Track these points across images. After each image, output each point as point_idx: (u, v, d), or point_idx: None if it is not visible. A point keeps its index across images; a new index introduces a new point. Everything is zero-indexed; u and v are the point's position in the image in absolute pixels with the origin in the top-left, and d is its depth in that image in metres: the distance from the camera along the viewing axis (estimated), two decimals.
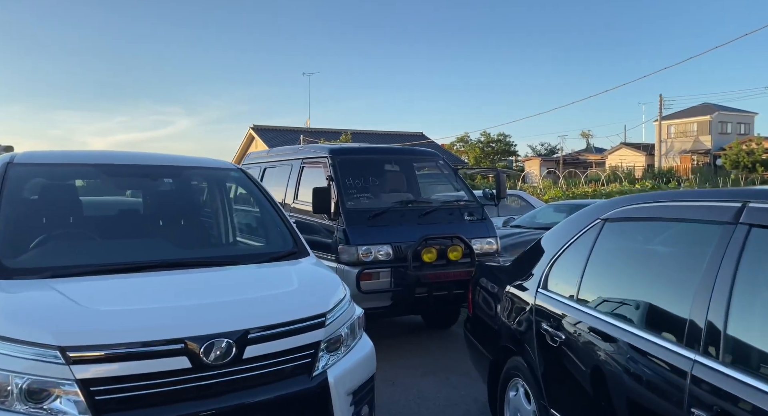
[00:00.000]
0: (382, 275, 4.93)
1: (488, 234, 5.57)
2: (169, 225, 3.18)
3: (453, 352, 5.18)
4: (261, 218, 3.49)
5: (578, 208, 8.79)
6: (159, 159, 3.46)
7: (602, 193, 16.36)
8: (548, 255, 2.83)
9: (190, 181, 3.47)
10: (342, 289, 2.80)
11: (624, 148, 47.63)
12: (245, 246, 3.28)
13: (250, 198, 3.59)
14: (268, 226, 3.42)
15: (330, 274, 2.95)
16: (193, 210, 3.34)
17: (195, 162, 3.54)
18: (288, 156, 6.45)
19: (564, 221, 3.00)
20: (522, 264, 3.24)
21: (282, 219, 3.36)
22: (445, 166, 6.15)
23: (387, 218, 5.16)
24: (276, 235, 3.35)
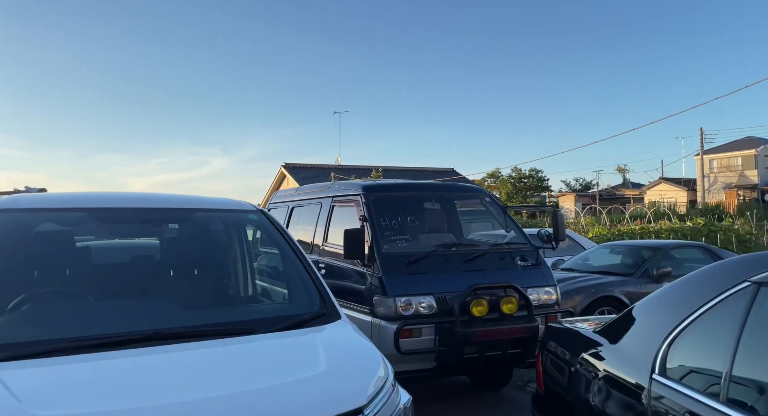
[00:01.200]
0: (425, 332, 4.22)
1: (546, 283, 4.81)
2: (173, 281, 2.59)
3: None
4: (283, 270, 2.87)
5: (636, 250, 7.95)
6: (166, 201, 2.91)
7: (651, 230, 15.28)
8: (662, 330, 2.09)
9: (200, 226, 2.90)
10: (383, 368, 2.13)
11: (663, 183, 45.96)
12: (263, 308, 2.65)
13: (271, 245, 2.98)
14: (292, 281, 2.80)
15: (367, 346, 2.29)
16: (202, 261, 2.75)
17: (207, 203, 2.98)
18: (317, 194, 5.89)
19: (678, 283, 2.28)
20: (615, 333, 2.50)
21: (308, 272, 2.73)
22: (491, 203, 5.47)
23: (429, 264, 4.48)
24: (300, 292, 2.72)
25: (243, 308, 2.53)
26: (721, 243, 13.92)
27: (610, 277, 6.94)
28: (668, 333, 2.03)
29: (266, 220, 2.99)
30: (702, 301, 1.95)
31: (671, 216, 19.16)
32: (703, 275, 2.13)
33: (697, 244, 8.06)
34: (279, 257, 2.92)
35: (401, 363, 4.19)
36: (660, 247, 7.39)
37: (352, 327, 2.48)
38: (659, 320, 2.15)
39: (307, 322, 2.43)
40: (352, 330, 2.45)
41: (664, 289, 2.33)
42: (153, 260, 2.71)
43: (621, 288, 6.71)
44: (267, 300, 2.71)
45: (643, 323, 2.27)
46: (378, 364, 2.11)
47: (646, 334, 2.19)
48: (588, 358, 2.61)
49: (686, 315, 1.99)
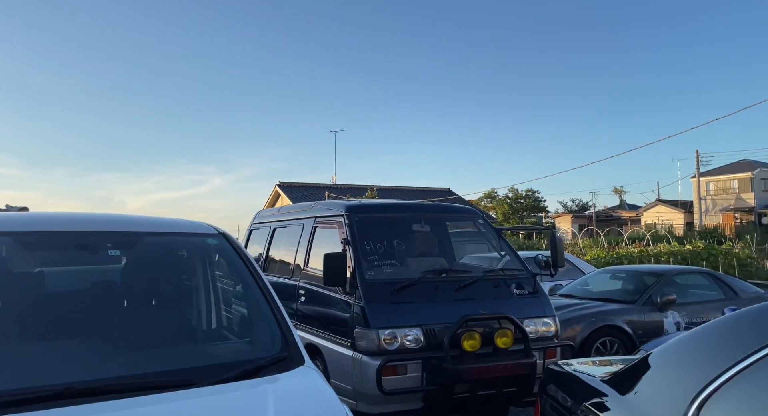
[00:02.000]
0: (411, 368, 3.80)
1: (544, 313, 4.42)
2: (105, 318, 2.19)
3: None
4: (243, 305, 2.48)
5: (638, 275, 7.54)
6: (110, 223, 2.52)
7: (650, 253, 14.92)
8: (689, 387, 1.70)
9: (148, 253, 2.50)
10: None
11: (660, 205, 45.82)
12: (211, 351, 2.23)
13: (233, 275, 2.59)
14: (252, 318, 2.41)
15: (330, 402, 1.89)
16: (145, 294, 2.35)
17: (160, 226, 2.59)
18: (300, 214, 5.51)
19: (710, 328, 1.90)
20: (628, 385, 2.11)
21: (271, 308, 2.34)
22: (485, 225, 5.10)
23: (416, 292, 4.09)
24: (260, 331, 2.33)
25: (186, 351, 2.13)
26: (722, 268, 13.57)
27: (611, 305, 6.55)
28: (698, 392, 1.64)
29: (227, 245, 2.60)
30: (744, 353, 1.57)
31: (670, 239, 18.85)
32: (742, 319, 1.76)
33: (702, 270, 7.69)
34: (240, 289, 2.53)
35: (384, 403, 3.77)
36: (663, 273, 7.01)
37: (316, 376, 2.09)
38: (685, 374, 1.77)
39: (263, 369, 2.04)
40: (315, 379, 2.05)
41: (689, 335, 1.95)
42: (82, 293, 2.31)
43: (623, 317, 6.31)
44: (219, 341, 2.31)
45: (664, 376, 1.88)
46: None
47: (668, 390, 1.80)
48: (593, 411, 2.21)
49: (723, 369, 1.60)
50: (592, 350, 6.05)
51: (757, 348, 1.55)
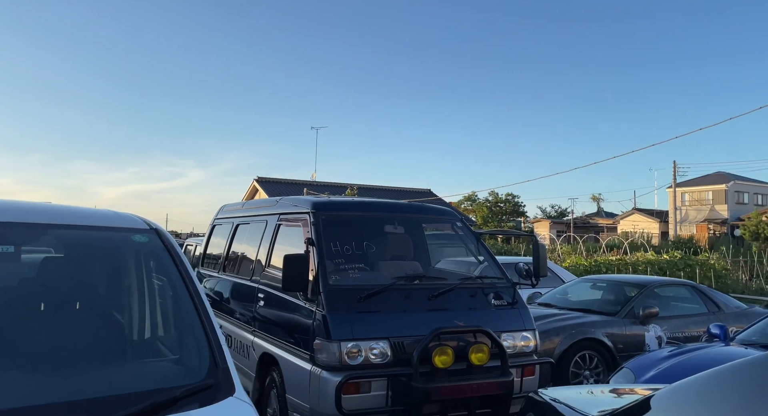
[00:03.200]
0: (376, 386, 3.41)
1: (524, 326, 4.06)
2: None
3: None
4: (169, 318, 2.05)
5: (619, 286, 7.21)
6: (8, 211, 2.06)
7: (628, 261, 14.79)
8: None
9: (57, 249, 2.05)
10: None
11: (636, 213, 46.31)
12: (118, 376, 1.78)
13: (160, 280, 2.16)
14: (177, 334, 1.99)
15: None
16: (37, 302, 1.90)
17: (74, 217, 2.14)
18: (264, 210, 5.07)
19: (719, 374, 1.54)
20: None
21: (202, 323, 1.92)
22: (463, 228, 4.73)
23: (385, 300, 3.70)
24: (186, 352, 1.91)
25: (82, 377, 1.69)
26: (699, 279, 13.49)
27: (591, 317, 6.24)
28: None
29: (158, 244, 2.17)
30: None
31: (647, 248, 18.79)
32: (760, 367, 1.40)
33: (685, 282, 7.46)
34: (167, 298, 2.10)
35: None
36: (645, 284, 6.75)
37: (244, 412, 1.67)
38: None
39: (179, 401, 1.62)
40: (246, 414, 1.64)
41: (699, 381, 1.59)
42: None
43: (604, 330, 6.01)
44: (129, 363, 1.87)
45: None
46: None
47: None
48: None
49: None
50: (571, 364, 5.74)
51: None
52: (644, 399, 1.79)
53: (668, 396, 1.68)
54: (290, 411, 3.65)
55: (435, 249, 9.60)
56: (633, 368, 4.47)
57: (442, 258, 7.40)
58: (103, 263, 2.12)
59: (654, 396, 1.76)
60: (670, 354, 4.54)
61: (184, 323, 1.96)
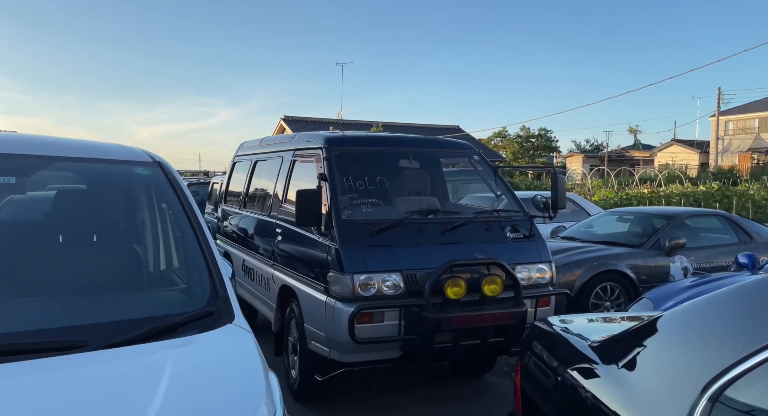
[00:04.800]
0: (388, 316, 3.49)
1: (540, 259, 4.04)
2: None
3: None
4: (170, 248, 2.10)
5: (647, 218, 7.03)
6: (8, 143, 2.08)
7: (661, 194, 14.39)
8: (703, 368, 1.31)
9: (53, 181, 2.09)
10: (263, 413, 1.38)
11: (675, 144, 44.53)
12: (120, 304, 1.86)
13: (163, 212, 2.20)
14: (179, 264, 2.04)
15: (248, 373, 1.54)
16: (40, 232, 1.97)
17: (77, 149, 2.16)
18: (280, 146, 5.06)
19: (732, 292, 1.48)
20: (625, 350, 1.74)
21: (203, 254, 1.96)
22: (481, 162, 4.63)
23: (398, 234, 3.71)
24: (187, 281, 1.96)
25: (88, 304, 1.77)
26: (736, 210, 13.08)
27: (615, 249, 6.17)
28: (712, 379, 1.25)
29: (161, 177, 2.19)
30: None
31: (683, 180, 18.19)
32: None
33: (717, 213, 7.23)
34: (169, 229, 2.14)
35: (358, 352, 3.49)
36: (674, 215, 6.57)
37: (242, 337, 1.73)
38: (699, 352, 1.38)
39: (181, 326, 1.68)
40: (240, 342, 1.70)
41: (710, 299, 1.54)
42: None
43: (627, 262, 5.95)
44: (133, 292, 1.94)
45: (672, 351, 1.50)
46: (253, 409, 1.36)
47: (674, 371, 1.42)
48: (579, 382, 1.86)
49: (749, 351, 1.20)
50: (591, 295, 5.74)
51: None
52: (651, 320, 1.75)
53: (674, 318, 1.64)
54: (308, 340, 3.79)
55: (460, 185, 9.55)
56: (653, 298, 4.44)
57: (467, 195, 7.35)
58: (104, 195, 2.16)
59: (662, 317, 1.73)
60: (692, 284, 4.47)
61: (185, 254, 2.00)
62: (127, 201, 2.17)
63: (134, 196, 2.17)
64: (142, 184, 2.20)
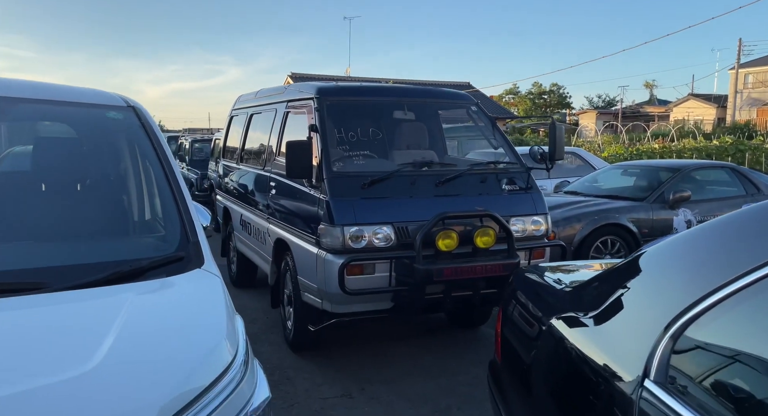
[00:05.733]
0: (379, 268, 3.48)
1: (535, 211, 3.98)
2: None
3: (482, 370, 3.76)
4: (141, 194, 2.07)
5: (653, 171, 6.88)
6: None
7: (673, 149, 14.10)
8: (669, 305, 1.27)
9: (20, 123, 2.05)
10: (222, 356, 1.38)
11: (692, 99, 43.35)
12: (89, 247, 1.84)
13: (135, 157, 2.16)
14: (150, 209, 2.01)
15: (210, 318, 1.53)
16: (17, 175, 1.93)
17: (46, 92, 2.10)
18: (274, 98, 4.96)
19: (711, 225, 1.42)
20: (595, 296, 1.71)
21: (175, 199, 1.93)
22: (478, 112, 4.51)
23: (390, 187, 3.66)
24: (158, 226, 1.95)
25: (53, 248, 1.76)
26: (749, 164, 12.81)
27: (617, 202, 6.08)
28: (677, 315, 1.22)
29: (135, 122, 2.14)
30: (748, 265, 1.11)
31: (696, 135, 17.77)
32: (756, 215, 1.28)
33: (724, 164, 7.06)
34: (141, 174, 2.11)
35: (349, 303, 3.52)
36: (680, 168, 6.43)
37: (209, 282, 1.72)
38: (666, 289, 1.34)
39: (148, 271, 1.67)
40: (206, 286, 1.69)
41: (688, 234, 1.47)
42: None
43: (629, 215, 5.87)
44: (104, 236, 1.92)
45: (640, 290, 1.46)
46: (209, 352, 1.35)
47: (641, 310, 1.38)
48: (559, 329, 1.84)
49: (716, 285, 1.15)
50: (591, 249, 5.71)
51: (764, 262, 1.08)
52: (632, 258, 1.69)
53: (657, 252, 1.56)
54: (302, 292, 3.82)
55: (466, 142, 9.38)
56: None
57: (473, 150, 7.22)
58: (73, 139, 2.12)
59: (643, 253, 1.66)
60: None
61: (156, 200, 1.98)
62: (97, 145, 2.13)
63: (105, 141, 2.13)
64: (113, 128, 2.16)
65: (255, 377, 1.45)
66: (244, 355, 1.42)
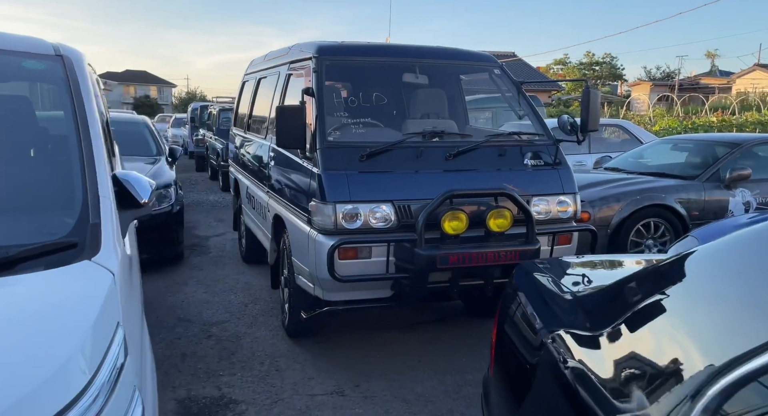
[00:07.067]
0: (376, 252, 3.07)
1: (562, 189, 3.46)
2: None
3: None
4: (47, 161, 1.72)
5: (708, 146, 6.01)
6: None
7: (732, 123, 12.89)
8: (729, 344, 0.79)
9: None
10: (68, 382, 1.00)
11: (758, 70, 40.12)
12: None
13: (51, 115, 1.81)
14: (50, 182, 1.66)
15: (58, 327, 1.16)
16: None
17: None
18: (278, 60, 4.54)
19: None
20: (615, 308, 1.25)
21: (83, 171, 1.56)
22: (502, 77, 3.96)
23: (393, 160, 3.21)
24: (54, 203, 1.59)
25: None
26: None
27: (665, 181, 5.41)
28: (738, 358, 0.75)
29: (60, 74, 1.78)
30: None
31: (761, 107, 16.27)
32: None
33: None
34: (52, 136, 1.75)
35: (342, 290, 3.13)
36: (740, 142, 5.66)
37: (90, 279, 1.34)
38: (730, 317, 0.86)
39: (18, 262, 1.32)
40: (82, 284, 1.31)
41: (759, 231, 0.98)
42: None
43: (677, 195, 5.20)
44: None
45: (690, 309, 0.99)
46: (47, 381, 0.98)
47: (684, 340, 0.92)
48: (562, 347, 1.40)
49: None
50: (632, 232, 5.10)
51: None
52: (677, 258, 1.22)
53: (724, 255, 1.09)
54: (296, 274, 3.47)
55: (500, 112, 8.72)
56: (699, 236, 3.78)
57: (508, 122, 6.63)
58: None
59: (693, 254, 1.19)
60: (750, 220, 3.77)
61: (60, 169, 1.62)
62: (8, 100, 1.78)
63: (12, 93, 1.78)
64: (27, 79, 1.80)
65: (126, 412, 1.08)
66: (105, 383, 1.04)
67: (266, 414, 2.87)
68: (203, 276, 5.20)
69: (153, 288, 4.72)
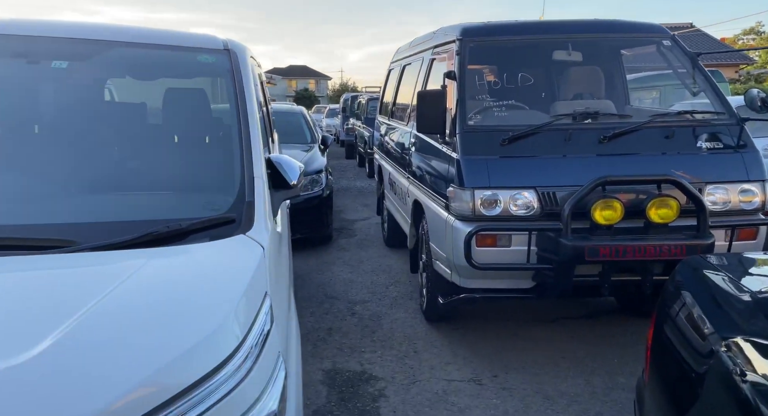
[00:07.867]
0: (516, 241, 2.93)
1: (746, 177, 2.96)
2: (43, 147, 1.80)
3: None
4: (211, 147, 1.89)
5: None
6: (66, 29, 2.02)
7: None
8: None
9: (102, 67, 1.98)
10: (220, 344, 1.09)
11: None
12: (132, 204, 1.68)
13: (218, 105, 2.00)
14: (213, 165, 1.82)
15: (213, 292, 1.25)
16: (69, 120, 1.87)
17: (140, 36, 2.02)
18: (422, 46, 4.54)
19: None
20: None
21: (242, 156, 1.71)
22: (674, 48, 3.48)
23: (538, 143, 3.02)
24: (216, 185, 1.75)
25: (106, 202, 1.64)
26: None
27: None
28: None
29: (226, 65, 1.96)
30: None
31: None
32: None
33: None
34: (215, 125, 1.93)
35: (480, 277, 3.05)
36: None
37: (244, 251, 1.44)
38: None
39: (189, 233, 1.47)
40: (238, 255, 1.42)
41: None
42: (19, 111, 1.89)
43: None
44: (159, 192, 1.75)
45: None
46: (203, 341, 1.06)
47: None
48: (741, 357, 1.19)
49: None
50: None
51: None
52: None
53: None
54: (434, 259, 3.46)
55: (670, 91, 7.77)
56: None
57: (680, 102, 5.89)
58: (160, 83, 2.01)
59: None
60: None
61: (222, 155, 1.77)
62: (177, 91, 2.00)
63: (189, 86, 1.99)
64: (201, 72, 2.01)
65: (270, 376, 1.14)
66: (253, 347, 1.11)
67: (404, 393, 2.91)
68: (349, 257, 5.46)
69: (305, 266, 5.08)
